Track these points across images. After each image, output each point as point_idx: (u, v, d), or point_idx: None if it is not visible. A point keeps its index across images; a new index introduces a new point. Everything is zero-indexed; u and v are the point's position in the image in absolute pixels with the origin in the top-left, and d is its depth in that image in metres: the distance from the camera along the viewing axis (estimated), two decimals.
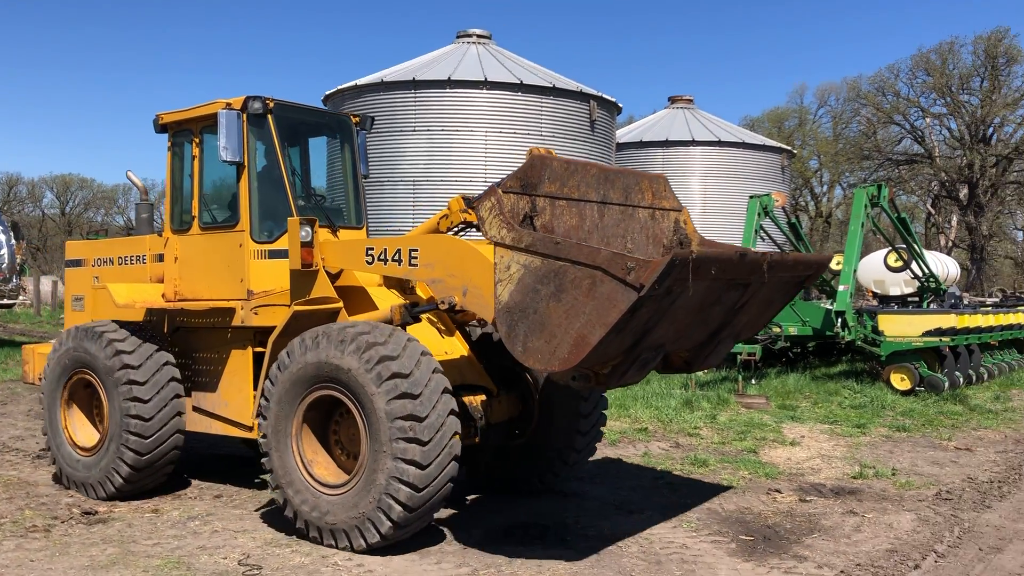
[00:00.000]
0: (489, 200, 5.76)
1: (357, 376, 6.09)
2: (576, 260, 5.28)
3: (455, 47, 18.78)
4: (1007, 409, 14.11)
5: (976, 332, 17.21)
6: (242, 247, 7.67)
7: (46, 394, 8.31)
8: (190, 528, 7.00)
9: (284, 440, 6.56)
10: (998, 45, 60.50)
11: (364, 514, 6.10)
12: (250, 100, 7.63)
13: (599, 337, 5.18)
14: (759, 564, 6.26)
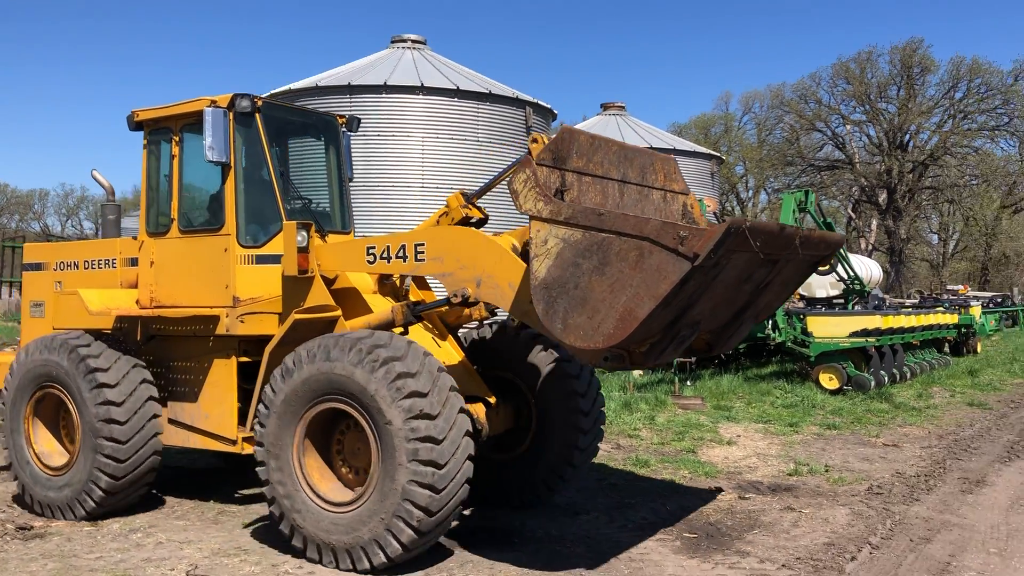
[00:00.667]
0: (524, 172, 5.53)
1: (372, 391, 5.82)
2: (622, 231, 5.06)
3: (390, 52, 18.74)
4: (929, 406, 14.69)
5: (899, 332, 17.88)
6: (227, 252, 7.31)
7: (8, 408, 7.84)
8: (132, 541, 6.86)
9: (285, 453, 6.23)
10: (913, 55, 62.77)
11: (373, 534, 5.84)
12: (238, 98, 7.30)
13: (648, 311, 4.98)
14: (704, 560, 6.42)
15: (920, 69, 62.73)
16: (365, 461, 6.13)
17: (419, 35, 18.97)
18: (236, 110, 7.27)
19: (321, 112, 8.63)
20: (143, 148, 7.96)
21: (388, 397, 5.75)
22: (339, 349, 6.01)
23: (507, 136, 17.57)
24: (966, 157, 61.54)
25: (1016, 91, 61.46)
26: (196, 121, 7.36)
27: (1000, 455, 10.64)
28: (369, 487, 5.91)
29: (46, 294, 8.61)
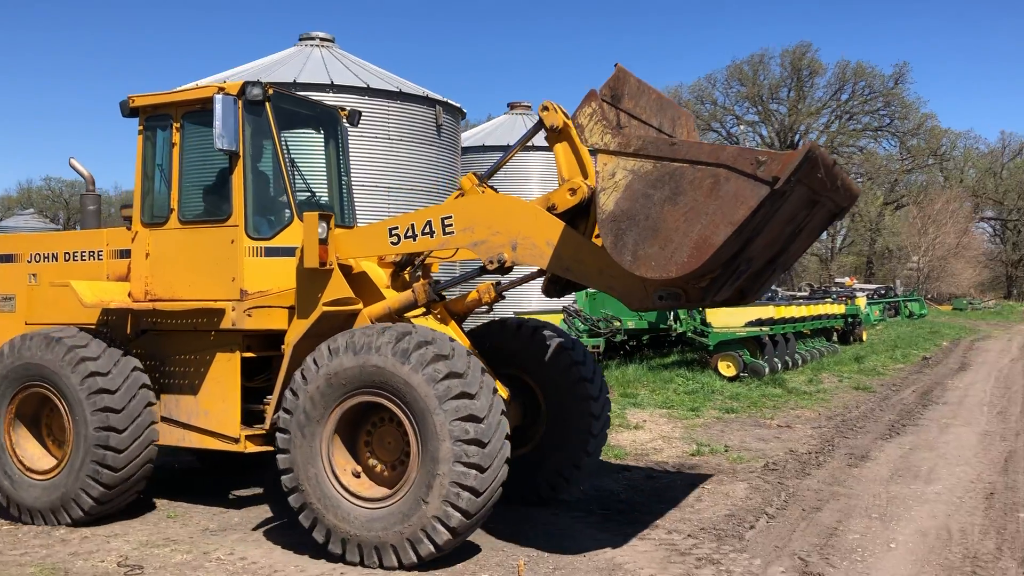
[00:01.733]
0: (589, 106, 5.47)
1: (415, 384, 5.75)
2: (696, 160, 5.04)
3: (298, 49, 18.69)
4: (819, 391, 15.64)
5: (791, 322, 18.90)
6: (234, 243, 7.01)
7: None
8: (56, 537, 6.87)
9: (314, 448, 6.08)
10: (802, 58, 65.54)
11: (419, 525, 5.75)
12: (248, 85, 7.05)
13: (724, 237, 4.95)
14: (616, 533, 6.87)
15: (809, 72, 65.59)
16: (395, 455, 6.16)
17: (328, 33, 18.96)
18: (247, 98, 7.04)
19: (325, 104, 8.41)
20: (138, 135, 7.60)
21: (437, 397, 5.70)
22: (383, 343, 5.90)
23: (418, 134, 17.79)
24: (852, 156, 64.63)
25: (896, 94, 64.82)
26: (200, 109, 7.20)
27: (882, 433, 11.51)
28: (409, 479, 5.84)
29: (17, 287, 8.17)
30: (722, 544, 6.59)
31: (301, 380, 6.14)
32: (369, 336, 5.97)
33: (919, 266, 66.51)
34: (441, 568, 5.97)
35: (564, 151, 6.61)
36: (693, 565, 6.11)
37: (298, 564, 6.14)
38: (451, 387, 5.71)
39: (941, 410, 13.62)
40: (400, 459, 6.15)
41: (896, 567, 6.12)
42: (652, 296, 5.68)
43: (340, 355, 6.00)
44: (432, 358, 5.77)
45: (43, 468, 7.23)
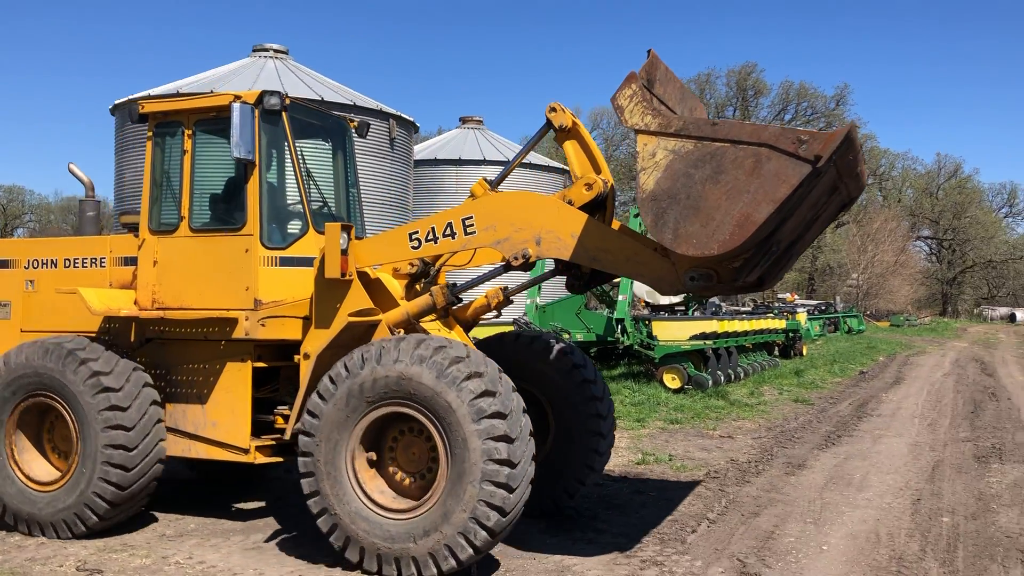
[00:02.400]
0: (629, 87, 5.54)
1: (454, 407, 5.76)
2: (737, 139, 5.14)
3: (252, 60, 18.75)
4: (760, 403, 16.14)
5: (734, 336, 19.43)
6: (249, 252, 6.94)
7: None
8: (12, 543, 6.92)
9: (338, 459, 6.06)
10: (747, 78, 67.04)
11: (443, 540, 5.77)
12: (266, 95, 7.02)
13: (766, 215, 5.06)
14: (564, 539, 7.14)
15: (754, 91, 67.13)
16: (419, 466, 6.18)
17: (282, 45, 19.07)
18: (264, 107, 7.02)
19: (335, 114, 8.40)
20: (147, 141, 7.52)
21: (471, 416, 5.73)
22: (412, 354, 5.91)
23: (371, 147, 17.97)
24: None
25: (837, 115, 66.58)
26: (213, 117, 7.17)
27: (819, 443, 11.99)
28: (435, 493, 5.86)
29: (13, 294, 8.00)
30: (665, 547, 6.91)
31: (331, 387, 6.11)
32: (404, 348, 5.96)
33: (858, 283, 68.26)
34: None
35: (575, 149, 6.74)
36: (638, 567, 6.41)
37: (256, 568, 6.29)
38: (485, 406, 5.73)
39: (875, 422, 14.19)
40: (423, 471, 6.17)
41: (827, 567, 6.49)
42: (683, 278, 5.76)
43: (373, 364, 5.98)
44: (468, 375, 5.79)
45: (45, 480, 7.11)
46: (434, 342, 5.99)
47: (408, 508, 5.96)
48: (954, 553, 6.89)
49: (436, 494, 5.84)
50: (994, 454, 11.24)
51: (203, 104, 7.25)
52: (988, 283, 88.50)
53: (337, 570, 6.23)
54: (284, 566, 6.34)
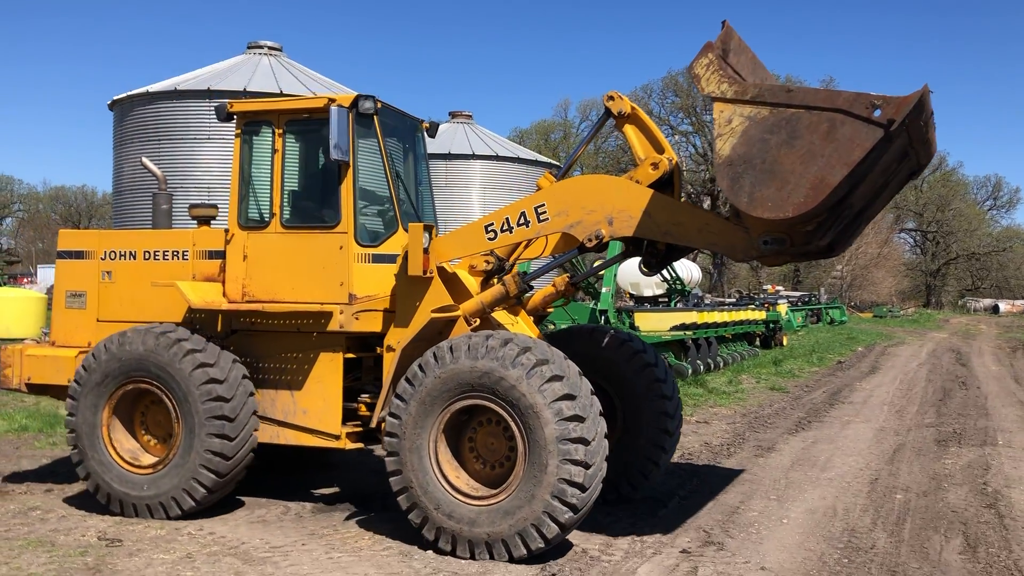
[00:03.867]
0: (706, 56, 5.67)
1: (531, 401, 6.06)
2: (812, 105, 5.27)
3: (247, 57, 19.21)
4: (737, 391, 16.79)
5: (713, 327, 20.08)
6: (343, 249, 7.26)
7: (83, 401, 7.43)
8: (34, 517, 7.46)
9: (421, 446, 6.40)
10: None
11: (517, 529, 6.10)
12: (361, 99, 7.31)
13: (840, 177, 5.19)
14: None
15: None
16: (498, 456, 6.51)
17: (276, 42, 19.54)
18: (359, 110, 7.29)
19: (409, 115, 8.55)
20: (236, 138, 7.76)
21: (539, 397, 6.05)
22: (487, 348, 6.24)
23: None
24: None
25: None
26: (306, 118, 7.50)
27: (790, 428, 12.64)
28: (512, 484, 6.19)
29: (89, 284, 8.18)
30: (638, 520, 7.52)
31: (420, 375, 6.43)
32: (492, 345, 6.27)
33: (843, 274, 69.10)
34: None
35: (635, 132, 7.00)
36: (611, 535, 7.02)
37: (263, 538, 6.87)
38: (565, 408, 6.05)
39: (846, 409, 14.86)
40: (500, 461, 6.51)
41: (785, 537, 7.12)
42: (757, 243, 5.90)
43: (462, 359, 6.30)
44: (550, 377, 6.10)
45: (140, 462, 7.43)
46: (520, 342, 6.29)
47: (484, 496, 6.32)
48: (902, 526, 7.52)
49: (512, 486, 6.18)
50: (954, 438, 11.91)
51: (295, 106, 7.63)
52: (972, 275, 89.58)
53: (337, 539, 6.82)
54: (288, 536, 6.92)
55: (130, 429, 7.62)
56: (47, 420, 12.01)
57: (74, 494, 8.28)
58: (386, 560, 6.33)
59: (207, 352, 7.21)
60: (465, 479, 6.50)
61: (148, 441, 7.64)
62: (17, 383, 8.32)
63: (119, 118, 18.14)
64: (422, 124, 8.69)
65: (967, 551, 6.84)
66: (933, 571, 6.36)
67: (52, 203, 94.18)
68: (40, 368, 8.19)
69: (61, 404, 13.57)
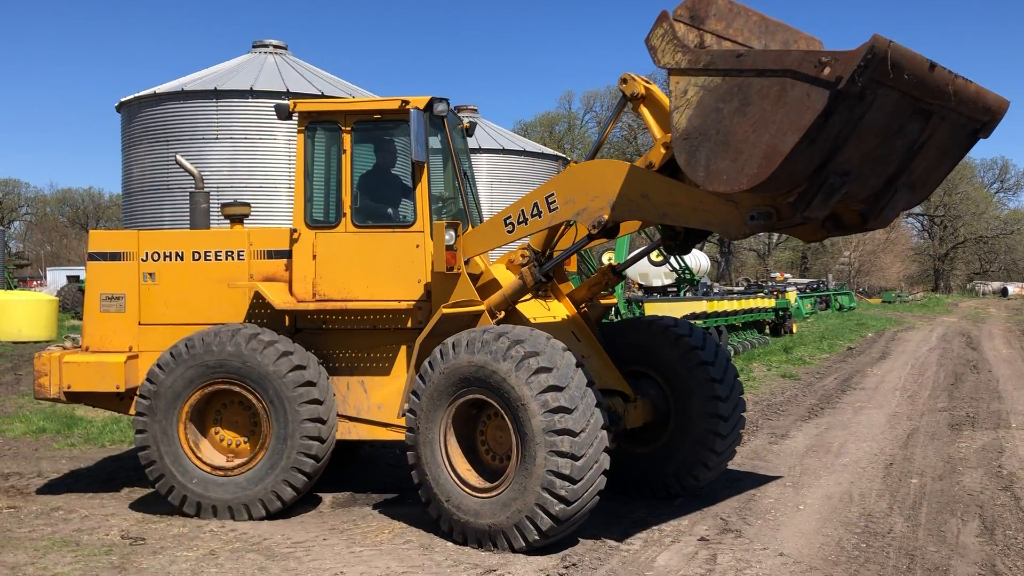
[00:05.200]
0: (660, 27, 5.48)
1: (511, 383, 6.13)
2: (762, 68, 4.99)
3: (252, 56, 19.26)
4: (749, 379, 16.76)
5: (723, 315, 20.10)
6: (420, 248, 7.40)
7: (159, 402, 7.32)
8: (57, 517, 7.53)
9: (433, 440, 6.56)
10: None
11: (514, 520, 6.16)
12: (435, 102, 7.49)
13: (792, 144, 4.87)
14: None
15: None
16: (507, 448, 6.46)
17: (281, 40, 19.59)
18: (434, 113, 7.50)
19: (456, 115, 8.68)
20: (298, 137, 7.80)
21: (526, 389, 6.07)
22: (482, 342, 6.33)
23: None
24: None
25: None
26: (376, 119, 7.62)
27: (802, 415, 12.66)
28: (508, 476, 6.27)
29: (128, 286, 7.99)
30: (654, 509, 7.56)
31: (429, 371, 6.59)
32: (472, 336, 6.43)
33: (850, 261, 68.98)
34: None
35: (650, 113, 6.94)
36: (630, 525, 7.07)
37: (284, 533, 6.94)
38: (551, 400, 6.04)
39: (858, 395, 14.87)
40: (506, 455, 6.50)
41: (802, 523, 7.15)
42: (745, 218, 5.65)
43: (450, 356, 6.47)
44: (538, 368, 6.10)
45: (218, 464, 7.37)
46: (514, 335, 6.32)
47: (486, 488, 6.44)
48: (919, 510, 7.56)
49: (508, 479, 6.28)
50: (967, 422, 11.93)
51: (365, 107, 7.68)
52: (980, 258, 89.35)
53: (358, 533, 6.89)
54: (309, 531, 6.98)
55: (202, 430, 7.53)
56: (64, 422, 12.11)
57: (95, 494, 8.37)
58: (407, 553, 6.39)
59: (297, 355, 7.25)
60: (472, 472, 6.57)
61: (223, 442, 7.58)
62: (56, 392, 7.97)
63: (127, 120, 18.23)
64: (463, 124, 8.78)
65: (984, 534, 6.87)
66: (951, 554, 6.39)
67: (59, 206, 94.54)
68: (82, 375, 7.87)
69: (78, 406, 13.74)
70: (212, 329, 7.38)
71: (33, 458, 10.12)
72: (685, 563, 6.15)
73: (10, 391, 15.76)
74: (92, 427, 11.81)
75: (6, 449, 10.61)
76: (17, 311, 25.33)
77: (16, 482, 8.83)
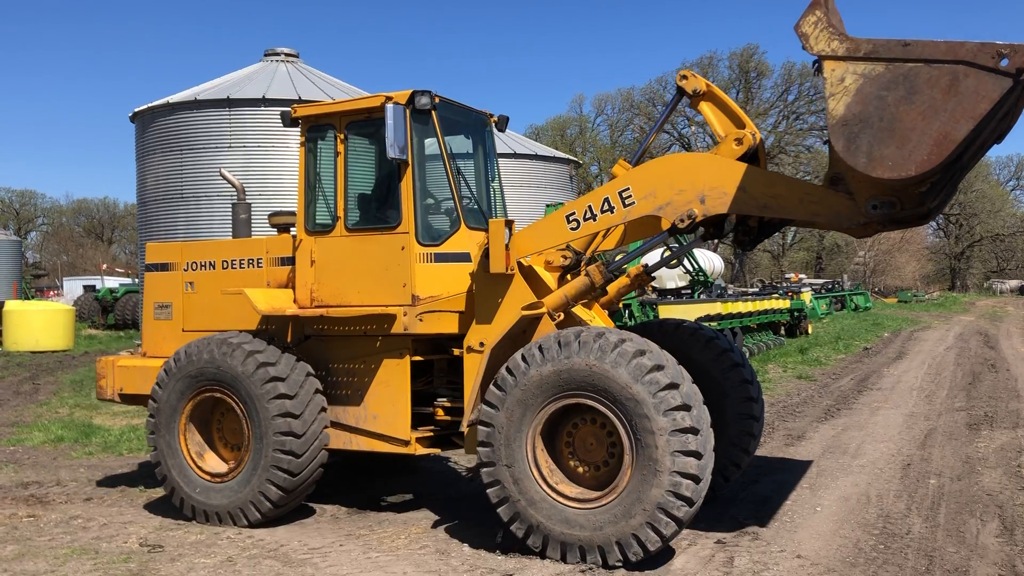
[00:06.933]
0: (814, 14, 5.46)
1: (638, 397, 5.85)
2: (931, 58, 5.08)
3: (264, 65, 19.37)
4: (764, 380, 16.71)
5: (738, 317, 20.04)
6: (405, 250, 7.16)
7: (161, 416, 7.52)
8: (76, 525, 7.59)
9: (519, 449, 6.21)
10: (750, 60, 67.23)
11: (630, 529, 5.87)
12: (417, 95, 7.15)
13: (965, 132, 5.01)
14: None
15: (756, 73, 67.34)
16: (596, 456, 6.27)
17: (292, 48, 19.68)
18: (416, 107, 7.15)
19: (476, 110, 8.31)
20: (300, 145, 7.77)
21: (653, 404, 5.82)
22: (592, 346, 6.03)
23: None
24: (799, 155, 66.41)
25: None
26: (365, 118, 7.38)
27: (819, 416, 12.60)
28: (620, 484, 5.96)
29: (174, 295, 8.37)
30: None
31: (510, 378, 6.26)
32: (584, 340, 6.09)
33: (865, 260, 68.62)
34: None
35: (712, 109, 6.90)
36: None
37: (301, 539, 6.96)
38: (671, 399, 5.83)
39: (874, 395, 14.79)
40: (602, 462, 6.27)
41: (819, 525, 7.12)
42: (865, 208, 5.69)
43: (558, 357, 6.10)
44: (651, 367, 5.89)
45: (218, 471, 7.42)
46: (613, 336, 6.10)
47: (591, 498, 6.09)
48: (937, 511, 7.50)
49: (620, 486, 5.96)
50: (985, 421, 11.84)
51: (354, 106, 7.47)
52: (997, 256, 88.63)
53: (374, 539, 6.90)
54: (325, 538, 7.00)
55: (207, 437, 7.65)
56: (82, 431, 12.20)
57: (113, 502, 8.43)
58: (423, 559, 6.40)
59: (267, 353, 7.17)
60: (567, 482, 6.28)
61: (224, 449, 7.65)
62: (111, 394, 8.53)
63: (141, 130, 18.35)
64: (491, 119, 8.44)
65: (1004, 534, 6.82)
66: (970, 555, 6.34)
67: (75, 216, 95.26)
68: (132, 379, 8.35)
69: (95, 414, 13.85)
70: (195, 340, 7.53)
71: (52, 467, 10.19)
72: (702, 566, 6.13)
73: (28, 400, 15.90)
74: (110, 436, 11.88)
75: (25, 458, 10.70)
76: (35, 321, 25.57)
77: (35, 491, 8.90)
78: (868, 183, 5.52)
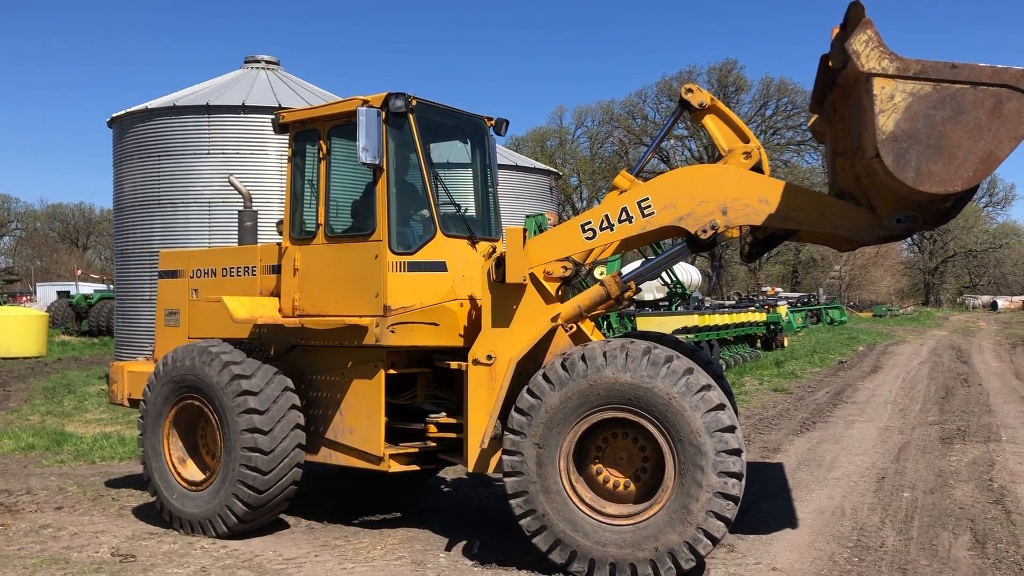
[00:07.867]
0: (865, 33, 5.56)
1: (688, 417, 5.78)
2: (977, 81, 5.37)
3: (244, 72, 19.28)
4: (740, 393, 16.82)
5: (715, 329, 20.13)
6: (378, 259, 6.97)
7: (148, 420, 7.54)
8: (46, 535, 7.48)
9: (551, 465, 6.06)
10: (728, 75, 67.80)
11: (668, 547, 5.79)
12: (391, 97, 6.98)
13: (1008, 151, 5.34)
14: None
15: (735, 88, 67.89)
16: (628, 471, 6.17)
17: (272, 55, 19.61)
18: (390, 110, 6.97)
19: (470, 113, 8.06)
20: (288, 151, 7.70)
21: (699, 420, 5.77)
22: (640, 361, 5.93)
23: None
24: (776, 170, 66.96)
25: None
26: (345, 123, 7.23)
27: (794, 429, 12.68)
28: (659, 501, 5.87)
29: (181, 302, 8.41)
30: None
31: (547, 388, 6.10)
32: (632, 354, 5.99)
33: (841, 275, 69.21)
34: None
35: (716, 123, 6.90)
36: None
37: (275, 549, 6.90)
38: (721, 419, 5.80)
39: (849, 408, 14.90)
40: (633, 477, 6.16)
41: (794, 538, 7.15)
42: (889, 222, 5.94)
43: (600, 370, 5.99)
44: (702, 387, 5.85)
45: (195, 479, 7.38)
46: (661, 351, 6.01)
47: (627, 514, 6.00)
48: (911, 523, 7.57)
49: (661, 502, 5.88)
50: (958, 435, 11.95)
51: (335, 111, 7.32)
52: (969, 272, 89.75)
53: (350, 550, 6.86)
54: (300, 548, 6.95)
55: (193, 443, 7.62)
56: (54, 438, 12.04)
57: (85, 511, 8.32)
58: (399, 570, 6.37)
59: (244, 365, 7.05)
60: (596, 498, 6.16)
61: (207, 457, 7.57)
62: (121, 398, 8.68)
63: (118, 135, 18.20)
64: (487, 122, 8.18)
65: (976, 547, 6.88)
66: (943, 568, 6.39)
67: (50, 221, 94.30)
68: (140, 384, 8.29)
69: (67, 422, 13.68)
70: (181, 346, 7.50)
71: (22, 475, 10.05)
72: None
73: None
74: (82, 444, 11.73)
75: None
76: (7, 327, 25.26)
77: (5, 499, 8.77)
78: (895, 198, 5.78)
